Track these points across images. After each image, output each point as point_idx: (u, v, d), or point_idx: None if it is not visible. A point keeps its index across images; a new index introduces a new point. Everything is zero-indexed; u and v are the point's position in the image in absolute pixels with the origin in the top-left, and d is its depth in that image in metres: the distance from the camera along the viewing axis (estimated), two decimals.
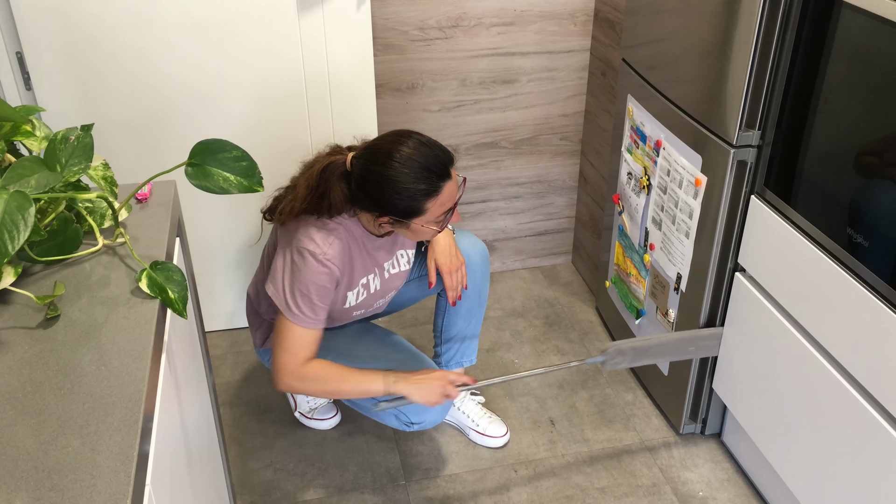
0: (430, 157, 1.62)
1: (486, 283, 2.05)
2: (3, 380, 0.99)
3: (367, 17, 2.15)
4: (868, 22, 1.41)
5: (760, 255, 1.79)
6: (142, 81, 2.10)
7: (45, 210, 1.20)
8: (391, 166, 1.60)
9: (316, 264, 1.67)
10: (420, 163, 1.61)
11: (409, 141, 1.62)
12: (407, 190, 1.61)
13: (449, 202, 1.67)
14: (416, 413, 1.88)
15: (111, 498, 0.83)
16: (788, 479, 1.80)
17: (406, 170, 1.60)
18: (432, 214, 1.66)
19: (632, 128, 2.17)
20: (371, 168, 1.61)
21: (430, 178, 1.61)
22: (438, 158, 1.63)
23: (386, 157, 1.60)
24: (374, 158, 1.62)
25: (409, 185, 1.60)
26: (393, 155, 1.60)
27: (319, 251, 1.67)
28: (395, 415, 1.89)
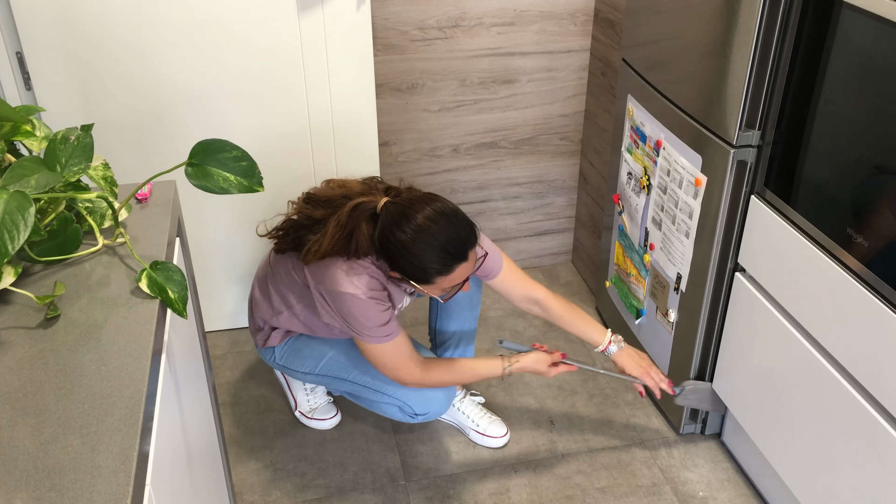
0: (452, 239, 1.62)
1: (479, 286, 2.06)
2: (3, 380, 0.99)
3: (367, 17, 2.15)
4: (868, 22, 1.41)
5: (760, 255, 1.79)
6: (142, 81, 2.10)
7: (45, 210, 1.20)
8: (412, 237, 1.60)
9: (360, 303, 1.70)
10: (440, 242, 1.61)
11: (438, 217, 1.62)
12: (420, 264, 1.63)
13: (460, 279, 1.69)
14: (420, 405, 1.90)
15: (111, 498, 0.83)
16: (788, 479, 1.80)
17: (424, 245, 1.61)
18: (439, 286, 1.69)
19: (632, 128, 2.17)
20: (393, 230, 1.62)
21: (445, 259, 1.63)
22: (460, 241, 1.64)
23: (409, 226, 1.61)
24: (398, 221, 1.62)
25: (422, 261, 1.62)
26: (417, 226, 1.60)
27: (359, 292, 1.69)
28: (399, 406, 1.91)
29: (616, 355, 1.98)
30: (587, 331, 1.99)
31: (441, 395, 1.92)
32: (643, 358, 2.00)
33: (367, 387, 1.94)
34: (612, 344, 1.98)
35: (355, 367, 1.94)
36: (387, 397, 1.92)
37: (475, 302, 2.07)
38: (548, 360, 1.91)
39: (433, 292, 1.72)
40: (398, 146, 2.57)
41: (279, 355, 2.00)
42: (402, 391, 1.90)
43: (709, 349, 2.02)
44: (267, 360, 2.05)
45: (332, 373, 1.97)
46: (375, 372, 1.91)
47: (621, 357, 1.98)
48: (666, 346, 2.13)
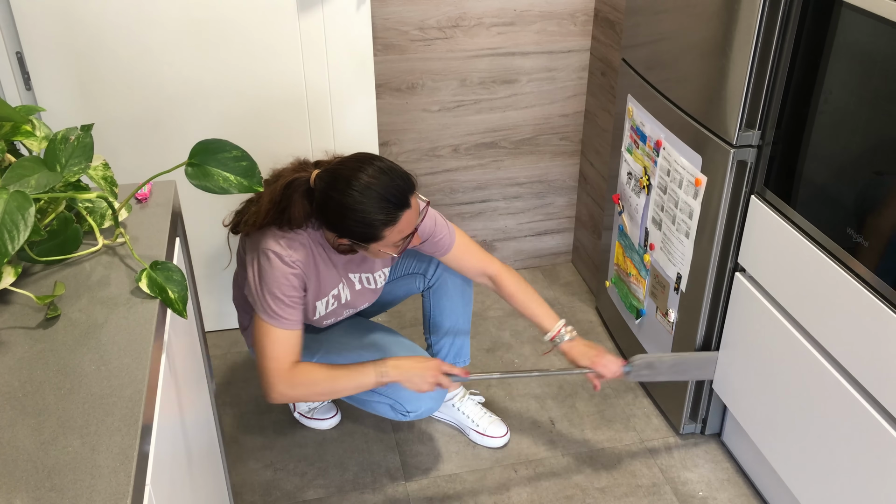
0: (390, 186, 1.61)
1: (469, 281, 2.06)
2: (3, 380, 0.99)
3: (367, 17, 2.15)
4: (868, 22, 1.41)
5: (760, 255, 1.79)
6: (142, 81, 2.10)
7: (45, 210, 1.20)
8: (349, 194, 1.59)
9: (282, 265, 1.68)
10: (378, 192, 1.60)
11: (370, 168, 1.61)
12: (364, 218, 1.61)
13: (407, 229, 1.67)
14: (410, 402, 1.89)
15: (111, 498, 0.83)
16: (788, 479, 1.80)
17: (364, 198, 1.59)
18: (390, 240, 1.67)
19: (632, 128, 2.17)
20: (330, 193, 1.61)
21: (387, 208, 1.61)
22: (398, 188, 1.62)
23: (345, 184, 1.60)
24: (333, 184, 1.62)
25: (366, 214, 1.61)
26: (352, 182, 1.60)
27: (285, 253, 1.68)
28: (391, 405, 1.90)
29: (566, 345, 1.93)
30: (538, 315, 1.94)
31: (433, 392, 1.91)
32: (593, 347, 1.93)
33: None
34: (562, 332, 1.93)
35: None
36: (377, 395, 1.91)
37: (467, 298, 2.07)
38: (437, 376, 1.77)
39: (386, 248, 1.69)
40: (398, 146, 2.57)
41: None
42: (392, 389, 1.88)
43: (709, 349, 2.01)
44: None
45: None
46: None
47: (571, 348, 1.93)
48: (666, 346, 2.13)
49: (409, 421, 2.15)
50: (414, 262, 2.03)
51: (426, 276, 2.03)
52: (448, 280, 2.03)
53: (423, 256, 2.02)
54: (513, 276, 1.97)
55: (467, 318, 2.11)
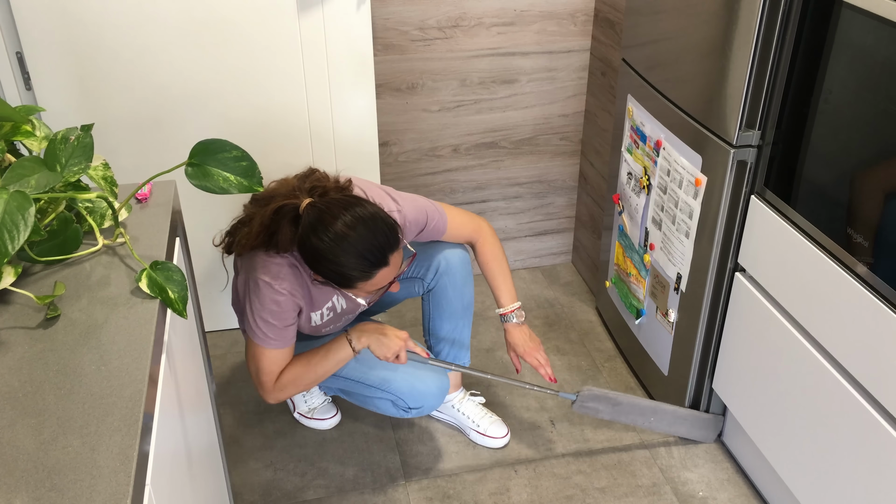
0: (370, 244, 1.60)
1: (469, 286, 2.06)
2: (3, 380, 0.99)
3: (367, 17, 2.15)
4: (868, 22, 1.41)
5: (760, 255, 1.79)
6: (142, 81, 2.10)
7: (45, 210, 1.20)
8: (328, 244, 1.59)
9: (272, 293, 1.70)
10: (357, 248, 1.59)
11: (354, 220, 1.59)
12: (338, 270, 1.62)
13: (383, 283, 1.67)
14: (413, 398, 1.89)
15: (111, 498, 0.83)
16: (788, 479, 1.80)
17: (341, 252, 1.59)
18: (363, 290, 1.68)
19: (632, 128, 2.17)
20: (310, 236, 1.60)
21: (362, 266, 1.61)
22: (378, 245, 1.61)
23: (324, 232, 1.59)
24: (314, 227, 1.60)
25: (340, 267, 1.61)
26: (333, 232, 1.58)
27: (274, 282, 1.70)
28: (393, 401, 1.91)
29: (511, 325, 1.99)
30: (499, 289, 2.01)
31: (434, 388, 1.91)
32: (534, 340, 2.01)
33: (359, 382, 1.93)
34: (512, 314, 1.99)
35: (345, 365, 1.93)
36: (380, 391, 1.91)
37: (467, 302, 2.07)
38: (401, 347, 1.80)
39: (359, 295, 1.73)
40: (398, 146, 2.57)
41: None
42: (395, 385, 1.89)
43: (709, 349, 2.02)
44: None
45: None
46: (367, 368, 1.91)
47: (513, 331, 2.00)
48: (666, 346, 2.13)
49: (410, 419, 2.15)
50: (413, 266, 2.03)
51: (425, 280, 2.03)
52: (447, 284, 2.02)
53: (423, 260, 2.02)
54: (491, 246, 2.01)
55: (467, 321, 2.10)
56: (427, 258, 2.01)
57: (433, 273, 2.02)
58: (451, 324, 2.08)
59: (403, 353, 1.81)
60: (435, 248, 2.01)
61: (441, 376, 1.95)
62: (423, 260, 2.02)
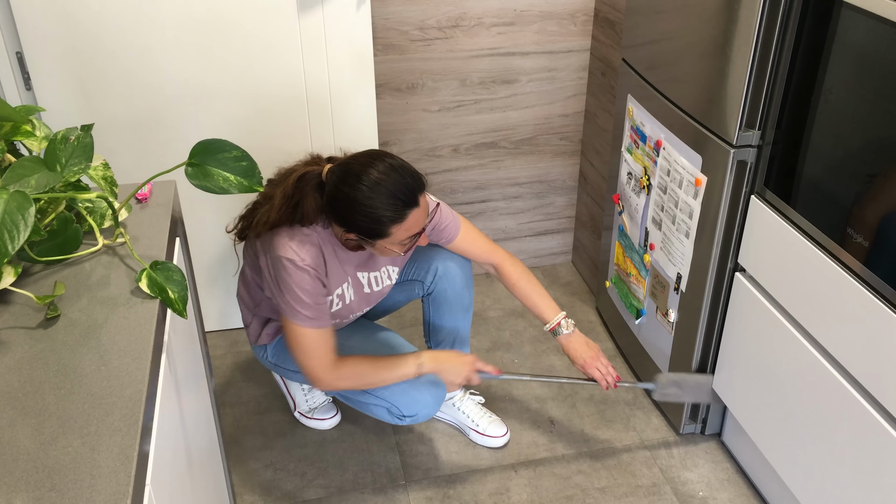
0: (399, 184, 1.62)
1: (468, 289, 2.06)
2: (3, 380, 0.99)
3: (367, 17, 2.15)
4: (868, 22, 1.41)
5: (760, 255, 1.79)
6: (142, 81, 2.10)
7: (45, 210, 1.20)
8: (359, 188, 1.60)
9: (296, 270, 1.69)
10: (388, 189, 1.61)
11: (381, 164, 1.62)
12: (372, 213, 1.62)
13: (415, 228, 1.68)
14: (408, 406, 1.89)
15: (111, 498, 0.83)
16: (788, 479, 1.80)
17: (373, 194, 1.60)
18: (396, 238, 1.67)
19: (632, 128, 2.17)
20: (340, 187, 1.62)
21: (395, 205, 1.62)
22: (407, 185, 1.63)
23: (355, 179, 1.61)
24: (344, 178, 1.63)
25: (374, 210, 1.61)
26: (362, 177, 1.61)
27: (297, 258, 1.69)
28: (388, 408, 1.90)
29: (564, 338, 1.96)
30: (539, 305, 1.98)
31: (429, 397, 1.90)
32: (591, 348, 1.96)
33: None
34: (560, 325, 1.95)
35: None
36: (375, 398, 1.90)
37: (467, 304, 2.07)
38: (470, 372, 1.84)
39: (392, 246, 1.70)
40: (398, 146, 2.57)
41: (270, 353, 2.01)
42: (390, 392, 1.88)
43: (709, 349, 2.02)
44: (260, 359, 2.05)
45: None
46: None
47: (569, 341, 1.96)
48: (666, 346, 2.13)
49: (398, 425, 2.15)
50: (413, 269, 2.03)
51: (424, 283, 2.04)
52: (447, 287, 2.02)
53: (422, 263, 2.02)
54: (517, 266, 2.00)
55: (466, 323, 2.10)
56: (426, 261, 2.01)
57: (432, 276, 2.02)
58: (452, 325, 2.08)
59: (474, 376, 1.84)
60: (435, 252, 2.01)
61: (437, 386, 1.93)
62: (423, 263, 2.02)
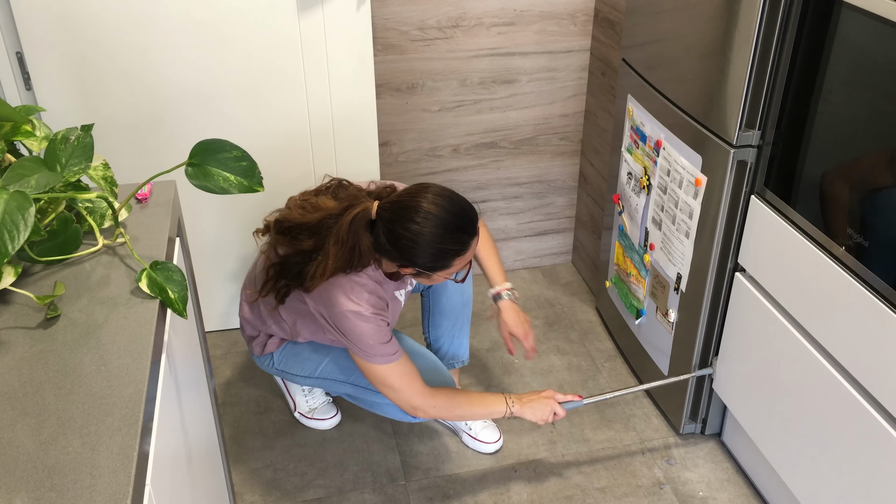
0: (461, 216, 1.63)
1: (468, 283, 2.07)
2: (3, 380, 0.99)
3: (367, 17, 2.15)
4: (868, 22, 1.41)
5: (760, 255, 1.79)
6: (142, 81, 2.10)
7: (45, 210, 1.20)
8: (422, 224, 1.59)
9: (364, 322, 1.69)
10: (452, 222, 1.61)
11: (439, 199, 1.61)
12: (438, 249, 1.62)
13: (471, 255, 1.69)
14: None
15: (111, 498, 0.83)
16: (788, 479, 1.80)
17: (439, 229, 1.60)
18: (456, 267, 1.68)
19: (632, 128, 2.17)
20: (402, 223, 1.60)
21: (461, 238, 1.63)
22: (468, 217, 1.64)
23: (416, 214, 1.59)
24: (404, 214, 1.60)
25: (439, 245, 1.61)
26: (421, 212, 1.59)
27: (360, 310, 1.69)
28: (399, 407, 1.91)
29: (504, 303, 1.97)
30: (491, 269, 2.00)
31: None
32: (524, 320, 2.00)
33: (367, 388, 1.94)
34: (504, 293, 1.98)
35: (353, 371, 1.94)
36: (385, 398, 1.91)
37: (466, 298, 2.08)
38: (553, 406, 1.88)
39: (447, 276, 1.71)
40: (398, 146, 2.57)
41: (277, 360, 2.00)
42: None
43: (709, 349, 2.02)
44: (264, 367, 2.05)
45: (332, 375, 1.97)
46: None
47: (507, 308, 1.97)
48: (666, 346, 2.13)
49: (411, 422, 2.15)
50: None
51: None
52: (447, 282, 2.03)
53: None
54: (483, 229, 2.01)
55: (466, 316, 2.11)
56: None
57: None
58: (451, 321, 2.08)
59: (559, 408, 1.88)
60: None
61: (448, 381, 1.94)
62: None
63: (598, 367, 2.44)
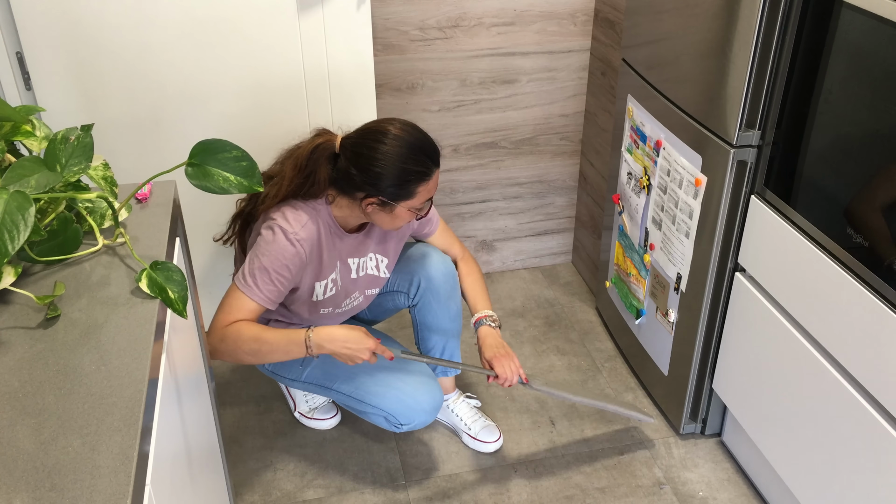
0: (425, 141, 1.67)
1: (453, 300, 2.04)
2: (3, 380, 0.99)
3: (367, 17, 2.15)
4: (868, 22, 1.41)
5: (760, 255, 1.79)
6: (142, 81, 2.10)
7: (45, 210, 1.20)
8: (388, 143, 1.63)
9: (285, 241, 1.67)
10: (416, 145, 1.64)
11: (403, 124, 1.67)
12: (402, 169, 1.64)
13: (434, 190, 1.72)
14: (403, 415, 1.89)
15: (111, 498, 0.83)
16: (788, 479, 1.80)
17: (403, 149, 1.63)
18: (418, 200, 1.69)
19: (632, 128, 2.17)
20: (367, 145, 1.64)
21: (424, 161, 1.65)
22: (431, 144, 1.68)
23: (382, 136, 1.63)
24: (370, 136, 1.65)
25: (404, 165, 1.64)
26: (389, 133, 1.64)
27: (290, 229, 1.68)
28: (385, 417, 1.90)
29: (484, 329, 1.93)
30: (474, 300, 2.02)
31: (426, 405, 1.89)
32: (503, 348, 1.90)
33: (351, 397, 1.93)
34: (485, 318, 1.95)
35: (336, 378, 1.93)
36: (371, 407, 1.90)
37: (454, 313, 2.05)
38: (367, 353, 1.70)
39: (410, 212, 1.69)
40: None
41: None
42: (386, 403, 1.88)
43: (709, 349, 2.02)
44: (260, 367, 2.04)
45: (317, 381, 1.95)
46: (358, 383, 1.90)
47: (487, 335, 1.92)
48: (666, 346, 2.13)
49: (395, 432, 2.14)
50: (397, 280, 2.03)
51: (409, 294, 2.03)
52: (431, 300, 2.01)
53: (404, 275, 2.01)
54: (468, 263, 2.07)
55: (455, 331, 2.08)
56: (408, 273, 2.01)
57: (415, 289, 2.02)
58: (439, 336, 2.06)
59: (373, 357, 1.72)
60: (416, 263, 2.01)
61: (435, 392, 1.92)
62: (405, 274, 2.02)
63: (598, 367, 2.44)
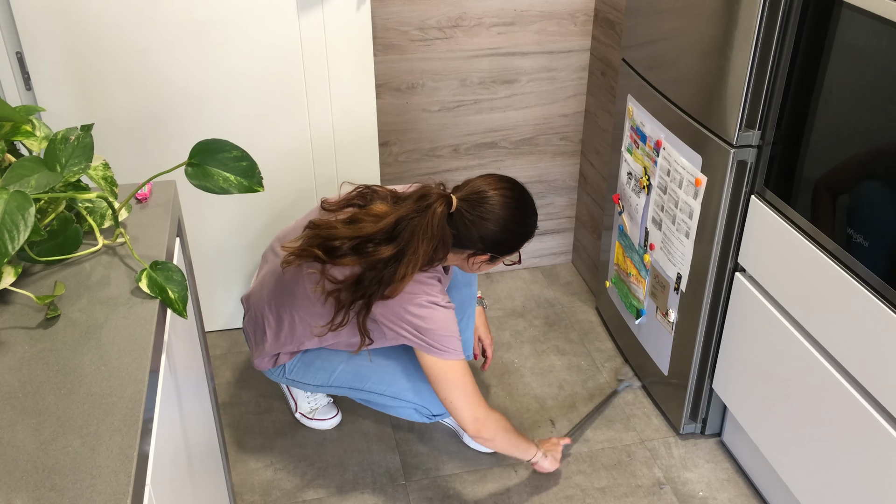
0: (532, 203, 1.75)
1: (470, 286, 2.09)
2: (3, 380, 0.99)
3: (367, 17, 2.15)
4: (868, 22, 1.41)
5: (760, 255, 1.79)
6: (142, 81, 2.10)
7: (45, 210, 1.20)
8: (505, 210, 1.68)
9: (442, 313, 1.72)
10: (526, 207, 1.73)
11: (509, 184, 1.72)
12: (516, 233, 1.72)
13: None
14: (437, 405, 1.93)
15: (111, 498, 0.83)
16: (788, 479, 1.80)
17: (519, 212, 1.70)
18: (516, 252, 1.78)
19: (632, 128, 2.17)
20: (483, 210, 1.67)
21: (534, 223, 1.76)
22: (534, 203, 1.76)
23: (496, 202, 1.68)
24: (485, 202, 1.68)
25: (517, 228, 1.71)
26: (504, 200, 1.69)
27: (438, 298, 1.72)
28: (416, 409, 1.93)
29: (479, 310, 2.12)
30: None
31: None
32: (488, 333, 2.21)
33: (383, 395, 1.94)
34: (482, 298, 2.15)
35: (368, 379, 1.94)
36: (401, 401, 1.93)
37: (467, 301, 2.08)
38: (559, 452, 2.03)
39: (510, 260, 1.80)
40: (398, 146, 2.57)
41: (289, 370, 1.98)
42: (420, 396, 1.91)
43: (709, 349, 2.02)
44: (273, 378, 2.03)
45: (347, 384, 1.96)
46: (391, 379, 1.92)
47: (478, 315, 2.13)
48: (666, 346, 2.13)
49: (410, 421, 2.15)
50: None
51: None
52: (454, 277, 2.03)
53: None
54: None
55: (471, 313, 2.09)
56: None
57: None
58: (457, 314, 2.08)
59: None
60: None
61: None
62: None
63: (598, 367, 2.44)
